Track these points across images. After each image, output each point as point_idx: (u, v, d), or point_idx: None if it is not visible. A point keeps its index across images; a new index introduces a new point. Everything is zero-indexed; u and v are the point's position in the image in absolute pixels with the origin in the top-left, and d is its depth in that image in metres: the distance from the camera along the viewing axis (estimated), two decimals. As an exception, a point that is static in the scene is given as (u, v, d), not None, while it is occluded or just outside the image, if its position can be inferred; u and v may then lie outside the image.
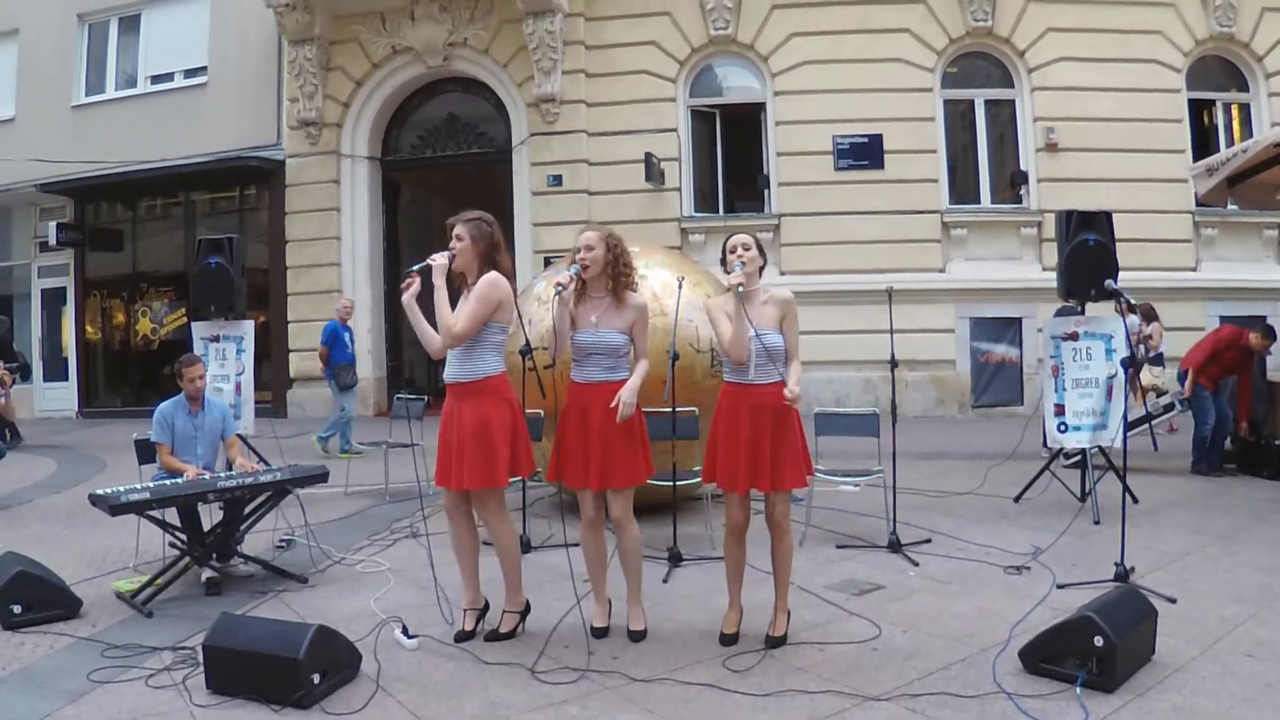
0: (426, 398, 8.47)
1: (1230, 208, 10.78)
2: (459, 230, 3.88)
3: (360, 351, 11.08)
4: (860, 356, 11.53)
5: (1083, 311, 6.73)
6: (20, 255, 16.15)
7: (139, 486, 4.66)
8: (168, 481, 4.86)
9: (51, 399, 15.63)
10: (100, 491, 4.51)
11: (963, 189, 12.79)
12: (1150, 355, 9.67)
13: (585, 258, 3.86)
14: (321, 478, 5.13)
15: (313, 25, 13.22)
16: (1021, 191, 12.57)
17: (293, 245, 13.86)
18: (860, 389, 11.82)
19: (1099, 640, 3.23)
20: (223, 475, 5.03)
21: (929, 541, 5.53)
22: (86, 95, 15.23)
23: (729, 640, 3.85)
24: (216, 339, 8.02)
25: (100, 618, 4.36)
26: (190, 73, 14.69)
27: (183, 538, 4.85)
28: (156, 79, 14.95)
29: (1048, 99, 12.31)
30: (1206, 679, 3.36)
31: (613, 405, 3.74)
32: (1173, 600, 4.20)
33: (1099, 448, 6.55)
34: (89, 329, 15.70)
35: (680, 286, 5.11)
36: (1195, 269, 12.22)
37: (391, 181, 14.60)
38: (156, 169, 14.12)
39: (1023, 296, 12.02)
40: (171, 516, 4.80)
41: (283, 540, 5.68)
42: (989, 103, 12.79)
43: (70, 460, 10.09)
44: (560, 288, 3.79)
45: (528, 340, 4.22)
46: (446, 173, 15.00)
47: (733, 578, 3.93)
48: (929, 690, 3.32)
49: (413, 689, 3.45)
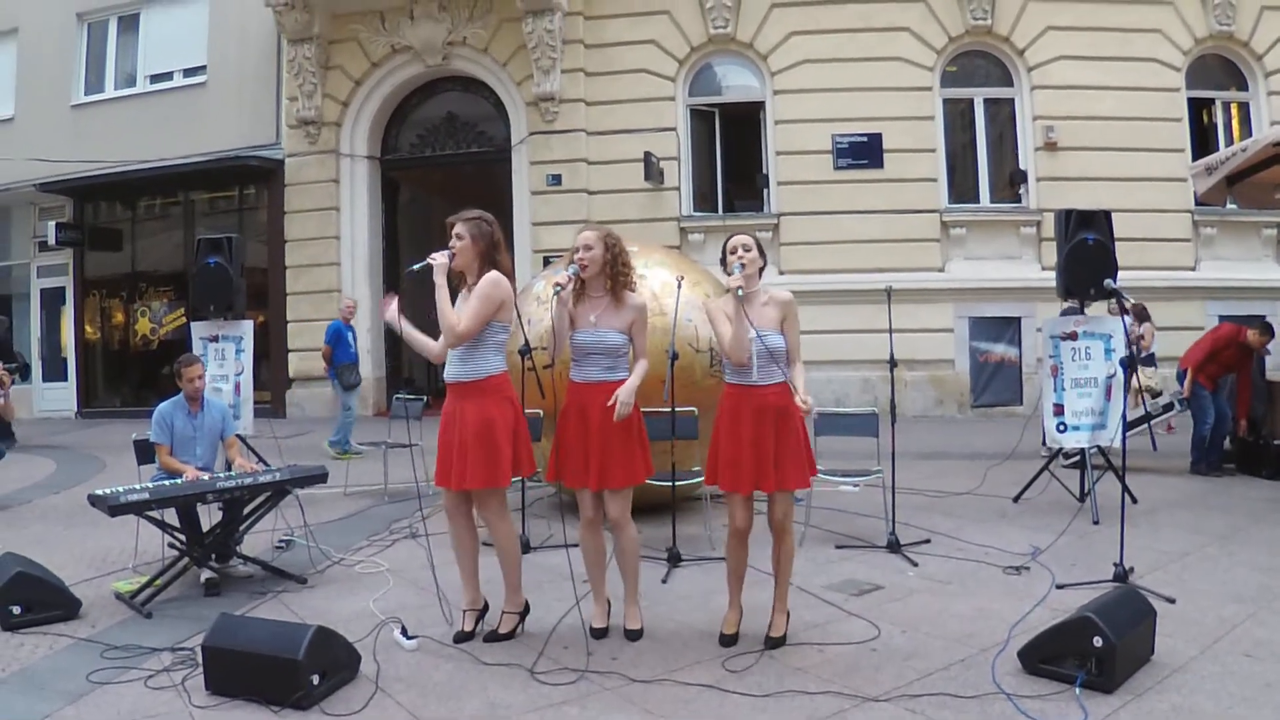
0: (426, 398, 8.47)
1: (1229, 207, 10.78)
2: (459, 229, 3.86)
3: (360, 351, 11.06)
4: (859, 356, 11.53)
5: (1083, 312, 6.73)
6: (19, 255, 16.14)
7: (138, 487, 4.66)
8: (167, 482, 4.86)
9: (50, 399, 15.61)
10: (99, 492, 4.51)
11: (962, 188, 12.79)
12: (1142, 356, 9.66)
13: (584, 257, 3.85)
14: (320, 478, 5.14)
15: (312, 24, 13.21)
16: (1021, 191, 12.57)
17: (292, 245, 13.86)
18: (859, 389, 11.82)
19: (1098, 640, 3.23)
20: (222, 476, 5.03)
21: (928, 542, 5.53)
22: (86, 94, 15.22)
23: (729, 641, 3.85)
24: (215, 339, 8.02)
25: (99, 618, 4.36)
26: (189, 72, 14.67)
27: (182, 538, 4.85)
28: (156, 78, 14.93)
29: (1047, 98, 12.31)
30: (1206, 679, 3.36)
31: (610, 404, 3.75)
32: (1172, 600, 4.21)
33: (1098, 447, 6.56)
34: (88, 329, 15.69)
35: (679, 286, 5.12)
36: (1194, 268, 12.23)
37: (391, 181, 14.59)
38: (156, 168, 14.11)
39: (1022, 296, 12.02)
40: (171, 517, 4.80)
41: (282, 541, 5.68)
42: (988, 101, 12.79)
43: (69, 461, 10.08)
44: (559, 288, 3.79)
45: (527, 340, 4.23)
46: (446, 172, 14.99)
47: (733, 579, 3.93)
48: (928, 691, 3.32)
49: (412, 690, 3.45)
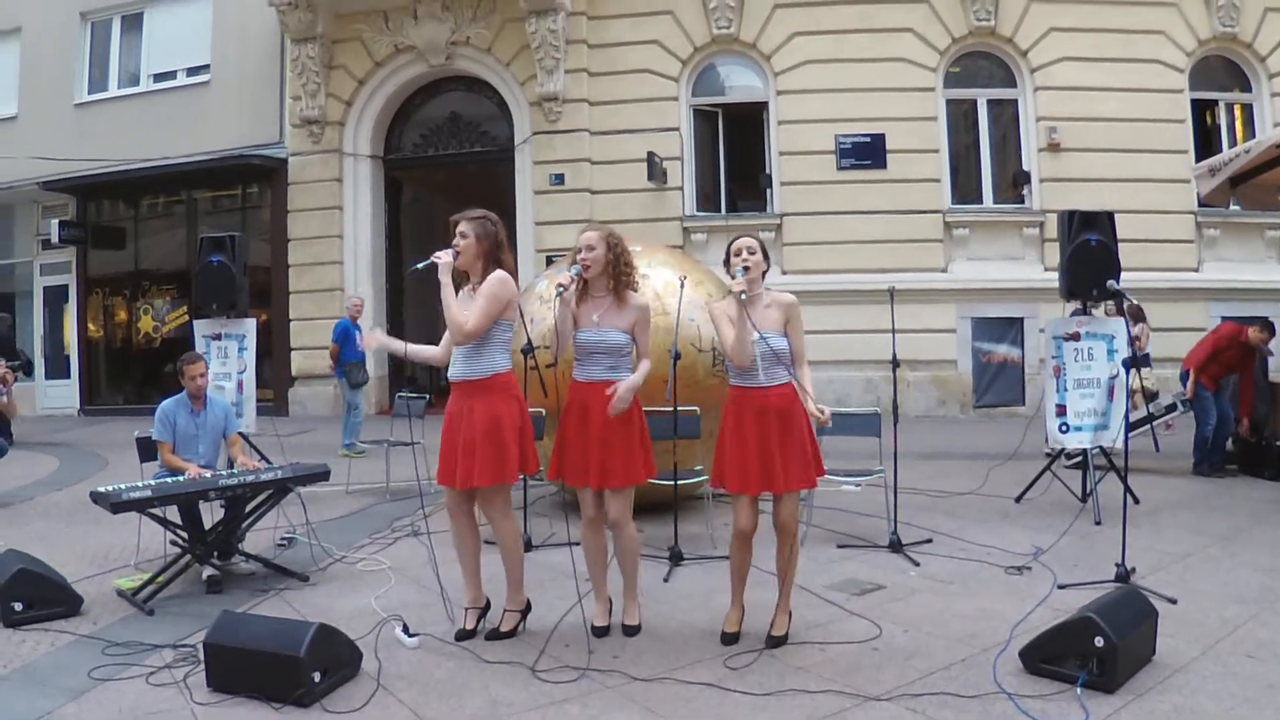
0: (428, 396, 8.48)
1: (1233, 208, 10.75)
2: (463, 228, 3.87)
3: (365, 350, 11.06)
4: (862, 356, 11.51)
5: (1088, 313, 6.73)
6: (23, 253, 16.15)
7: (140, 484, 4.67)
8: (169, 479, 4.86)
9: (53, 396, 15.64)
10: (102, 489, 4.51)
11: (965, 189, 12.77)
12: (1138, 356, 9.63)
13: (586, 257, 3.86)
14: (322, 476, 5.15)
15: (315, 24, 13.22)
16: (1024, 191, 12.55)
17: (295, 243, 13.86)
18: (862, 388, 11.80)
19: (1100, 641, 3.23)
20: (224, 473, 5.04)
21: (930, 541, 5.53)
22: (89, 93, 15.24)
23: (730, 639, 3.85)
24: (218, 337, 8.02)
25: (101, 615, 4.37)
26: (193, 71, 14.69)
27: (184, 536, 4.86)
28: (159, 77, 14.95)
29: (1050, 99, 12.29)
30: (1207, 680, 3.36)
31: (608, 392, 3.75)
32: (1173, 601, 4.20)
33: (1100, 448, 6.55)
34: (91, 327, 15.71)
35: (682, 286, 5.13)
36: (1197, 269, 12.21)
37: (394, 180, 14.59)
38: (159, 167, 14.13)
39: (1024, 296, 11.99)
40: (173, 514, 4.80)
41: (284, 538, 5.68)
42: (991, 102, 12.78)
43: (72, 458, 10.10)
44: (562, 288, 3.79)
45: (529, 339, 4.23)
46: (449, 171, 14.99)
47: (736, 579, 3.93)
48: (930, 690, 3.32)
49: (413, 687, 3.45)
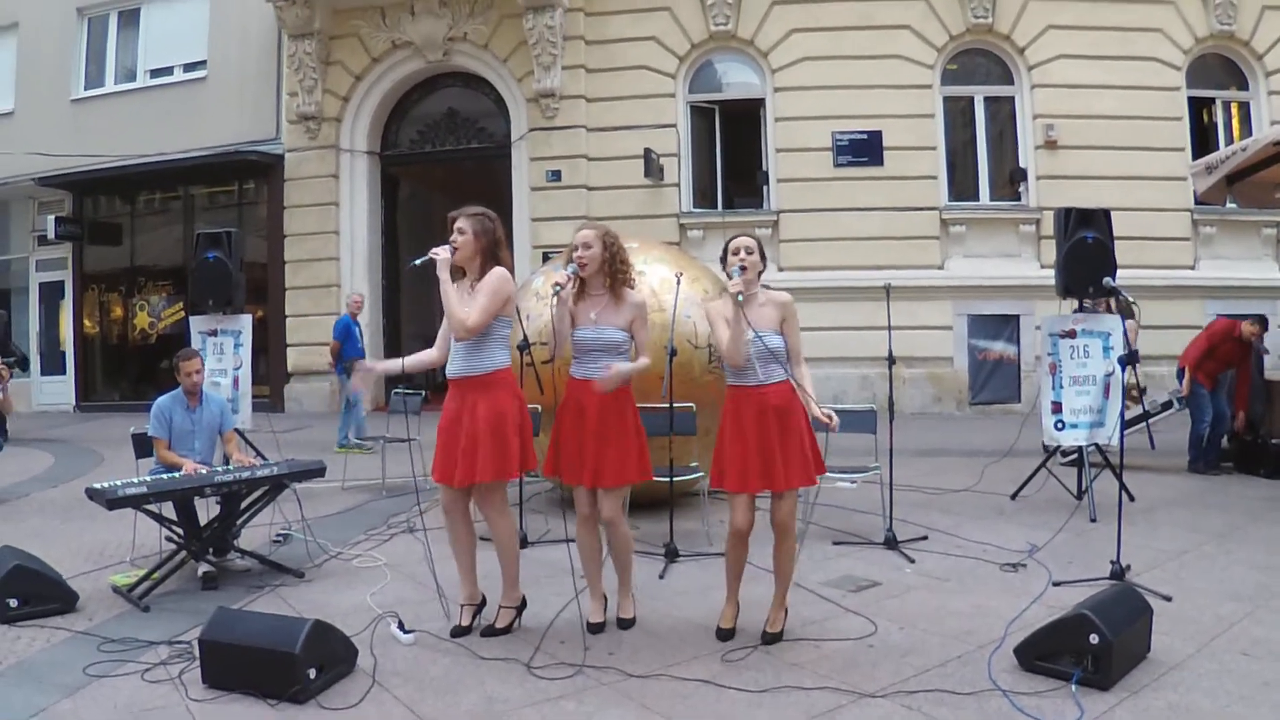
0: (424, 393, 8.46)
1: (1229, 206, 10.76)
2: (461, 224, 3.87)
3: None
4: (858, 353, 11.50)
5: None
6: (18, 249, 16.12)
7: (136, 480, 4.66)
8: (165, 476, 4.86)
9: (49, 392, 15.60)
10: (97, 485, 4.51)
11: (962, 186, 12.78)
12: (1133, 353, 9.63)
13: (583, 256, 3.86)
14: (318, 472, 5.14)
15: (312, 20, 13.19)
16: (1020, 189, 12.56)
17: (291, 240, 13.84)
18: (858, 385, 11.81)
19: (1095, 638, 3.23)
20: (220, 470, 5.02)
21: (925, 538, 5.53)
22: (85, 89, 15.19)
23: (725, 635, 3.85)
24: (214, 333, 8.01)
25: (97, 612, 4.36)
26: (189, 67, 14.64)
27: (179, 532, 4.85)
28: (156, 73, 14.91)
29: (1047, 96, 12.30)
30: (1202, 677, 3.36)
31: (602, 372, 3.76)
32: (1169, 598, 4.21)
33: (1096, 445, 6.56)
34: (87, 323, 15.68)
35: (678, 282, 5.13)
36: (1194, 267, 12.23)
37: (391, 176, 14.57)
38: (155, 163, 14.09)
39: (1021, 294, 12.01)
40: (168, 511, 4.79)
41: (279, 535, 5.67)
42: (988, 100, 12.77)
43: (67, 454, 10.08)
44: (559, 287, 3.79)
45: (526, 335, 4.23)
46: (446, 168, 14.98)
47: (732, 577, 3.93)
48: (925, 687, 3.32)
49: (409, 684, 3.45)
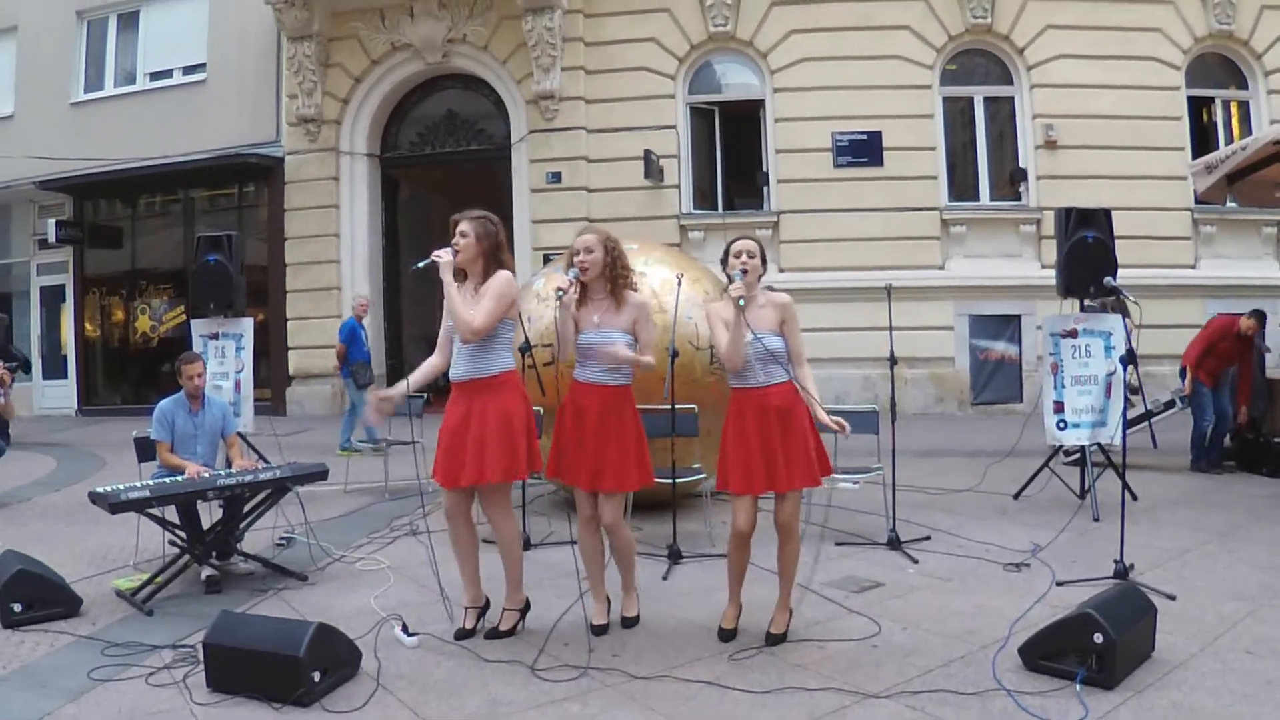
0: (426, 395, 8.44)
1: (1229, 205, 10.75)
2: (464, 227, 3.88)
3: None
4: (859, 353, 11.50)
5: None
6: (19, 253, 16.11)
7: (139, 484, 4.66)
8: (167, 479, 4.85)
9: (50, 396, 15.60)
10: (100, 489, 4.51)
11: (962, 186, 12.78)
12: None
13: (585, 260, 3.86)
14: (320, 475, 5.14)
15: (312, 22, 13.19)
16: (1021, 189, 12.56)
17: (292, 242, 13.84)
18: (860, 386, 11.81)
19: (1098, 637, 3.23)
20: (222, 473, 5.02)
21: (928, 539, 5.53)
22: (85, 92, 15.18)
23: (727, 636, 3.86)
24: (216, 336, 8.00)
25: (100, 616, 4.36)
26: (189, 70, 14.64)
27: (183, 536, 4.85)
28: (155, 76, 14.91)
29: (1047, 96, 12.29)
30: (1206, 676, 3.36)
31: (613, 344, 3.76)
32: (1172, 597, 4.21)
33: (1098, 445, 6.56)
34: (88, 326, 15.68)
35: (679, 283, 5.13)
36: (1194, 266, 12.22)
37: (391, 178, 14.57)
38: (155, 166, 14.08)
39: (1022, 294, 12.00)
40: (171, 514, 4.79)
41: (282, 538, 5.68)
42: (988, 100, 12.77)
43: (70, 458, 10.08)
44: (561, 292, 3.79)
45: (527, 337, 4.23)
46: (445, 170, 14.98)
47: (734, 579, 3.93)
48: (929, 687, 3.32)
49: (413, 687, 3.45)
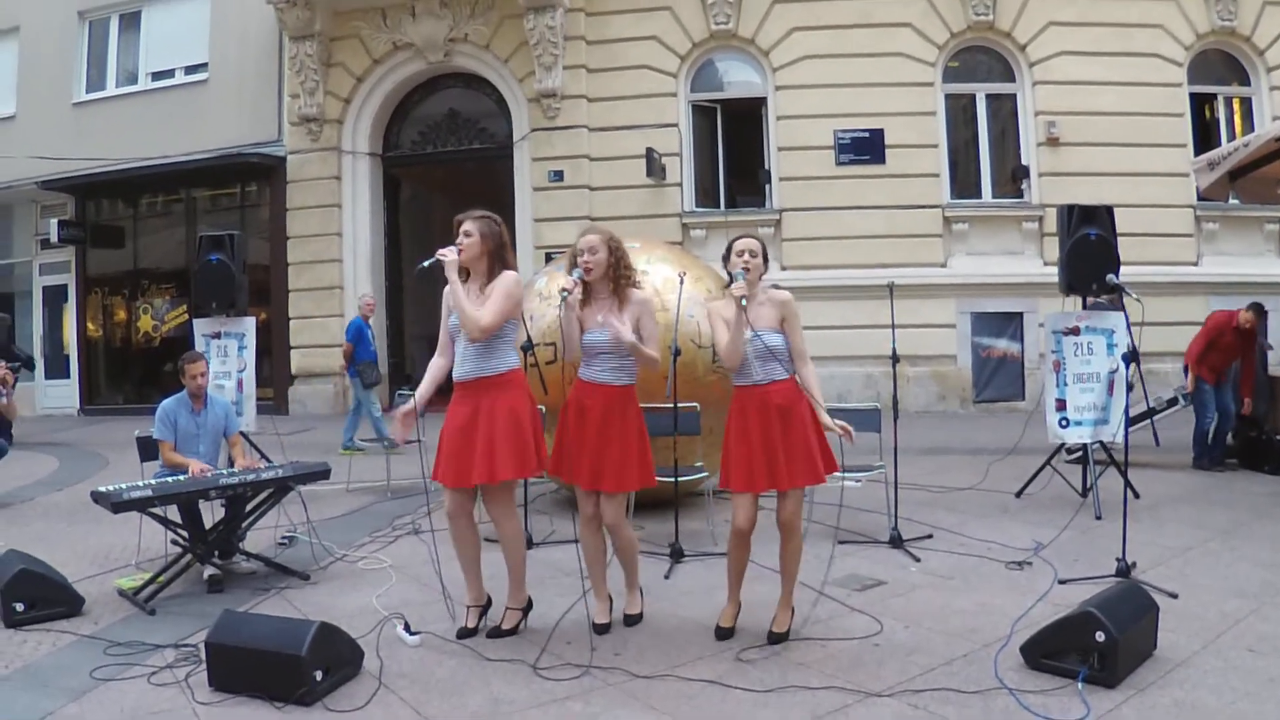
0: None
1: (1231, 202, 10.73)
2: (468, 226, 3.88)
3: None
4: (862, 351, 11.50)
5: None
6: (21, 253, 16.13)
7: (141, 484, 4.67)
8: (170, 479, 4.86)
9: (53, 396, 15.63)
10: (102, 489, 4.51)
11: (964, 184, 12.76)
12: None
13: (589, 260, 3.86)
14: (323, 474, 5.15)
15: (313, 21, 13.20)
16: (1023, 186, 12.54)
17: (294, 242, 13.85)
18: (862, 384, 11.80)
19: (1100, 635, 3.23)
20: (225, 472, 5.03)
21: (930, 537, 5.53)
22: (87, 92, 15.20)
23: (725, 634, 3.86)
24: (218, 336, 8.02)
25: (103, 615, 4.37)
26: (191, 69, 14.66)
27: (185, 535, 4.86)
28: (157, 76, 14.93)
29: (1049, 93, 12.28)
30: (1208, 674, 3.36)
31: (617, 331, 3.75)
32: (1174, 595, 4.20)
33: (1100, 443, 6.55)
34: (90, 326, 15.70)
35: (681, 282, 5.13)
36: (1196, 263, 12.21)
37: (393, 177, 14.58)
38: (157, 166, 14.09)
39: (1024, 291, 11.99)
40: (173, 514, 4.80)
41: (285, 537, 5.68)
42: (990, 97, 12.75)
43: (72, 458, 10.10)
44: (565, 293, 3.78)
45: (529, 336, 4.23)
46: (447, 169, 14.98)
47: (734, 577, 3.93)
48: (931, 686, 3.32)
49: (415, 686, 3.45)
